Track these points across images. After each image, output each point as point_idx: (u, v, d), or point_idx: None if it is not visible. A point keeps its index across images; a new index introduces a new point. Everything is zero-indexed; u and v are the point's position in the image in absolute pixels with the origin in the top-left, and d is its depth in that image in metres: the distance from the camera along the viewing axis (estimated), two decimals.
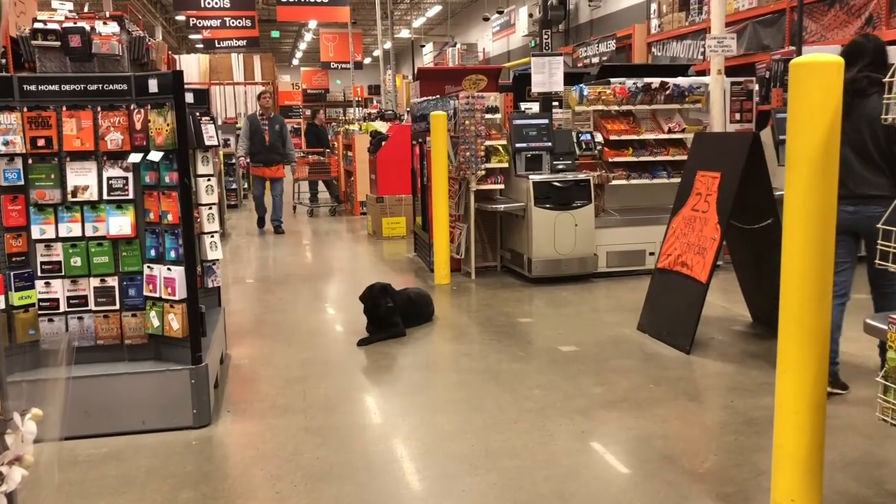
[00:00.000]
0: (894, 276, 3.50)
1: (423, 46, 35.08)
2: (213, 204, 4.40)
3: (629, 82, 7.75)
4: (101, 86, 3.82)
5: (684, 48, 15.31)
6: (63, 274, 3.85)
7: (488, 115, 7.47)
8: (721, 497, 3.12)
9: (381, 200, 10.75)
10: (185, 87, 3.84)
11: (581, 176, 7.18)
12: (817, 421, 2.79)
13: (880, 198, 3.73)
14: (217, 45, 23.16)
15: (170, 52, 6.85)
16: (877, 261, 2.86)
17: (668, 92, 7.73)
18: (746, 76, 9.01)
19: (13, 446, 1.41)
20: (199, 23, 21.91)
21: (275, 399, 4.37)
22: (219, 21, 21.80)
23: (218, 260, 4.59)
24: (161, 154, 3.76)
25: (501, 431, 3.82)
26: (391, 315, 5.56)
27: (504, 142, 7.55)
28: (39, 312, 3.83)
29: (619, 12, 19.40)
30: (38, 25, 3.96)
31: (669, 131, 7.78)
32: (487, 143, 7.38)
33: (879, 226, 2.76)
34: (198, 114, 4.33)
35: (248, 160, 11.57)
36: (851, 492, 3.12)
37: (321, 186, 14.62)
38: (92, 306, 3.89)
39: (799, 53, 8.46)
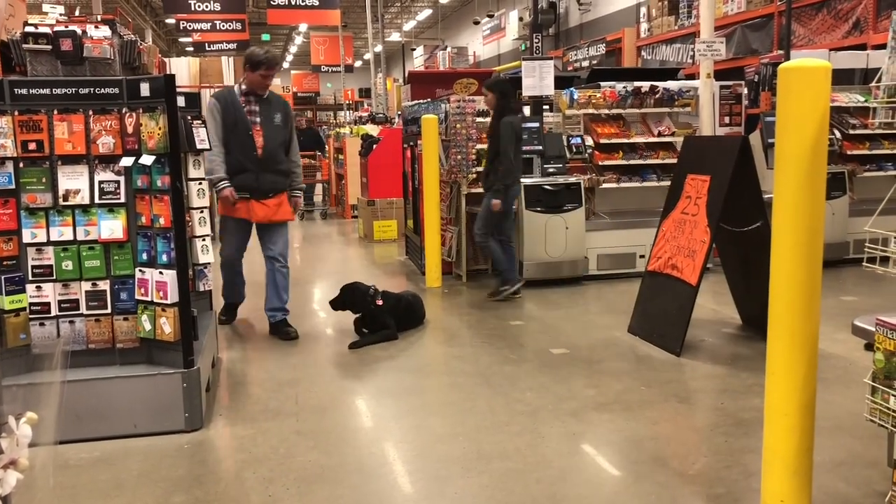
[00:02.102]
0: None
1: (414, 50, 35.11)
2: (205, 207, 4.39)
3: (619, 86, 7.79)
4: (92, 89, 3.82)
5: (674, 52, 15.40)
6: (54, 278, 3.84)
7: (479, 119, 7.49)
8: (711, 498, 3.14)
9: (373, 204, 10.76)
10: (178, 90, 3.84)
11: (572, 179, 7.21)
12: (806, 422, 2.81)
13: None
14: (207, 49, 23.13)
15: (160, 56, 6.83)
16: (864, 263, 2.89)
17: (657, 95, 7.77)
18: (735, 80, 9.08)
19: (8, 450, 1.42)
20: (189, 26, 21.86)
21: (267, 402, 4.37)
22: (209, 24, 21.76)
23: (209, 263, 4.59)
24: (153, 158, 3.76)
25: (493, 434, 3.83)
26: (383, 316, 5.58)
27: None
28: (30, 317, 3.82)
29: (608, 16, 19.49)
30: (29, 29, 3.95)
31: (659, 134, 7.83)
32: (478, 146, 7.39)
33: (867, 228, 2.79)
34: (189, 117, 4.32)
35: (216, 187, 5.35)
36: (840, 492, 3.15)
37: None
38: (83, 310, 3.88)
39: (787, 57, 8.53)
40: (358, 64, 38.36)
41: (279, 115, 5.57)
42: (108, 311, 3.91)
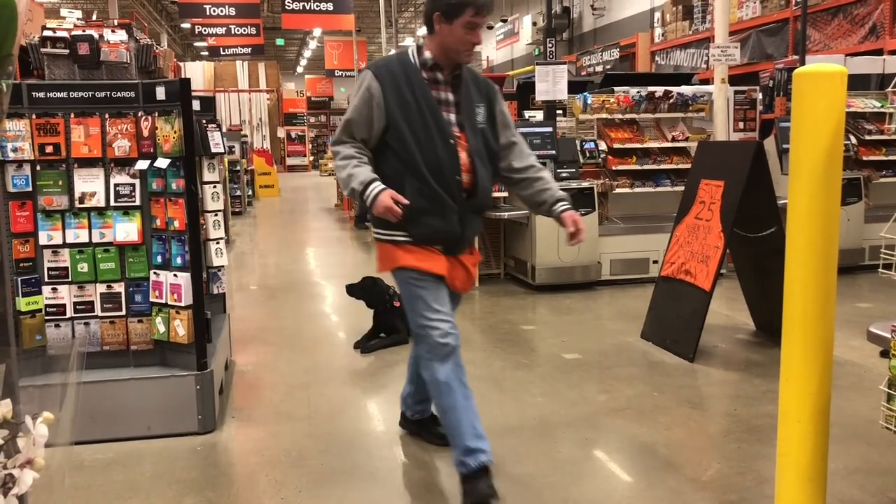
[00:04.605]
0: None
1: None
2: (219, 211, 4.42)
3: (633, 91, 7.78)
4: (108, 93, 3.85)
5: (688, 57, 15.37)
6: (70, 280, 3.87)
7: None
8: None
9: None
10: (193, 94, 3.87)
11: (585, 184, 7.19)
12: (821, 429, 2.79)
13: None
14: (222, 53, 23.29)
15: (175, 60, 6.88)
16: (880, 270, 2.87)
17: (671, 100, 7.76)
18: (750, 85, 9.04)
19: (25, 449, 1.43)
20: (205, 30, 22.04)
21: (279, 405, 4.38)
22: (224, 29, 21.93)
23: (223, 266, 4.61)
24: (168, 161, 3.79)
25: (505, 438, 3.82)
26: (395, 319, 5.58)
27: None
28: (46, 318, 3.85)
29: (622, 21, 19.47)
30: (47, 33, 3.99)
31: (673, 140, 7.80)
32: None
33: (883, 234, 2.77)
34: (204, 121, 4.36)
35: (365, 194, 3.08)
36: (855, 500, 3.13)
37: None
38: (98, 312, 3.91)
39: (802, 63, 8.49)
40: None
41: (482, 108, 3.24)
42: (123, 313, 3.94)
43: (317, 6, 20.74)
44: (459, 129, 3.15)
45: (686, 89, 7.99)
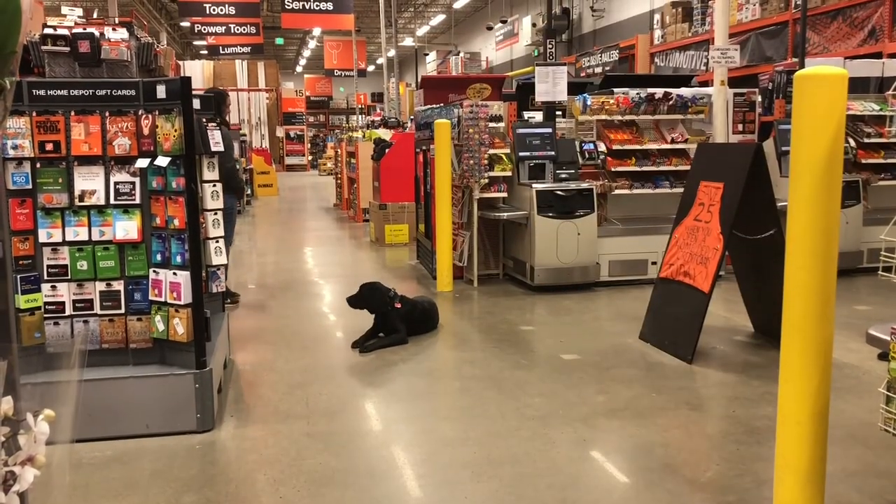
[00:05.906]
0: None
1: (427, 55, 35.18)
2: (219, 209, 4.42)
3: (632, 92, 7.78)
4: (109, 91, 3.85)
5: (687, 59, 15.38)
6: (69, 278, 3.87)
7: (492, 124, 7.50)
8: None
9: (384, 207, 10.78)
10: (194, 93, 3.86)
11: (584, 185, 7.20)
12: (819, 431, 2.80)
13: None
14: (221, 52, 23.28)
15: (175, 58, 6.86)
16: (880, 272, 2.88)
17: (671, 102, 7.76)
18: (749, 87, 9.05)
19: (26, 447, 1.43)
20: (204, 29, 22.02)
21: (277, 404, 4.38)
22: (223, 28, 21.91)
23: (222, 265, 4.61)
24: (168, 159, 3.78)
25: (503, 439, 3.83)
26: (395, 320, 5.58)
27: (507, 150, 7.58)
28: (45, 316, 3.85)
29: (622, 22, 19.48)
30: (48, 31, 3.99)
31: (672, 141, 7.81)
32: (491, 151, 7.40)
33: (883, 237, 2.78)
34: (204, 120, 4.36)
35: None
36: (853, 502, 3.13)
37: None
38: (97, 310, 3.91)
39: (802, 65, 8.50)
40: (371, 68, 38.49)
41: None
42: (122, 311, 3.93)
43: (316, 6, 20.73)
44: None
45: (685, 91, 8.00)
